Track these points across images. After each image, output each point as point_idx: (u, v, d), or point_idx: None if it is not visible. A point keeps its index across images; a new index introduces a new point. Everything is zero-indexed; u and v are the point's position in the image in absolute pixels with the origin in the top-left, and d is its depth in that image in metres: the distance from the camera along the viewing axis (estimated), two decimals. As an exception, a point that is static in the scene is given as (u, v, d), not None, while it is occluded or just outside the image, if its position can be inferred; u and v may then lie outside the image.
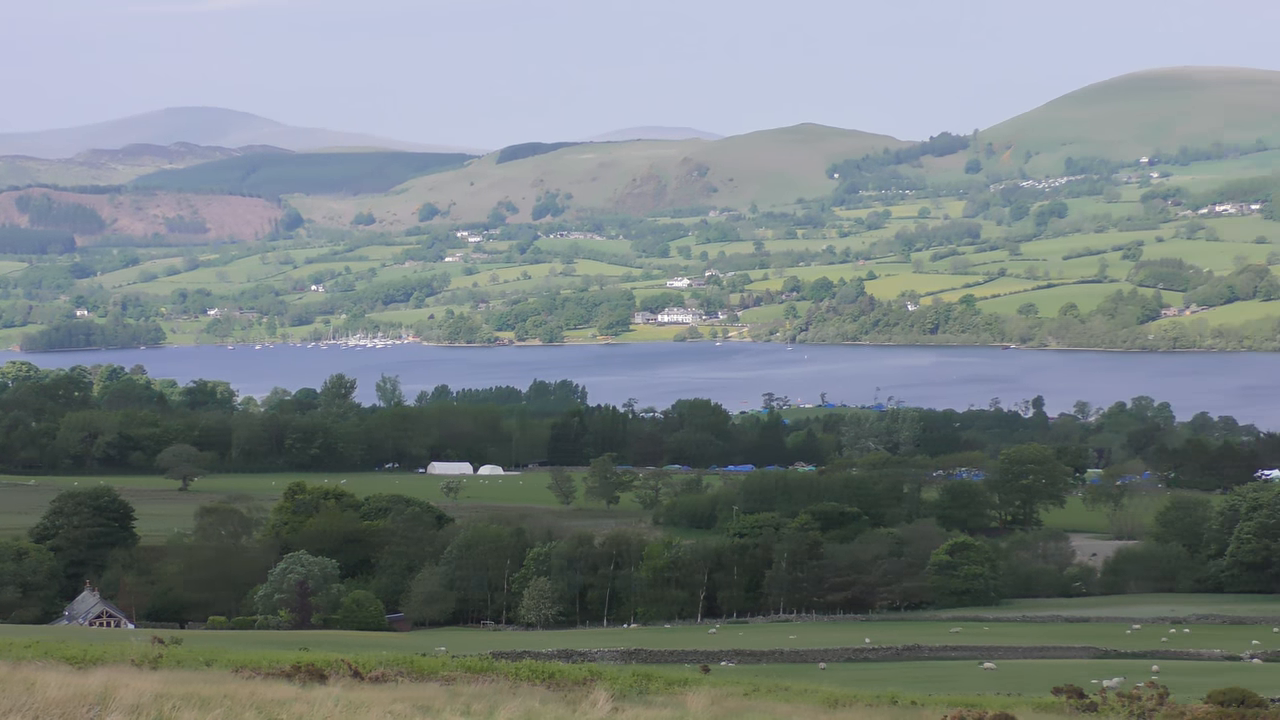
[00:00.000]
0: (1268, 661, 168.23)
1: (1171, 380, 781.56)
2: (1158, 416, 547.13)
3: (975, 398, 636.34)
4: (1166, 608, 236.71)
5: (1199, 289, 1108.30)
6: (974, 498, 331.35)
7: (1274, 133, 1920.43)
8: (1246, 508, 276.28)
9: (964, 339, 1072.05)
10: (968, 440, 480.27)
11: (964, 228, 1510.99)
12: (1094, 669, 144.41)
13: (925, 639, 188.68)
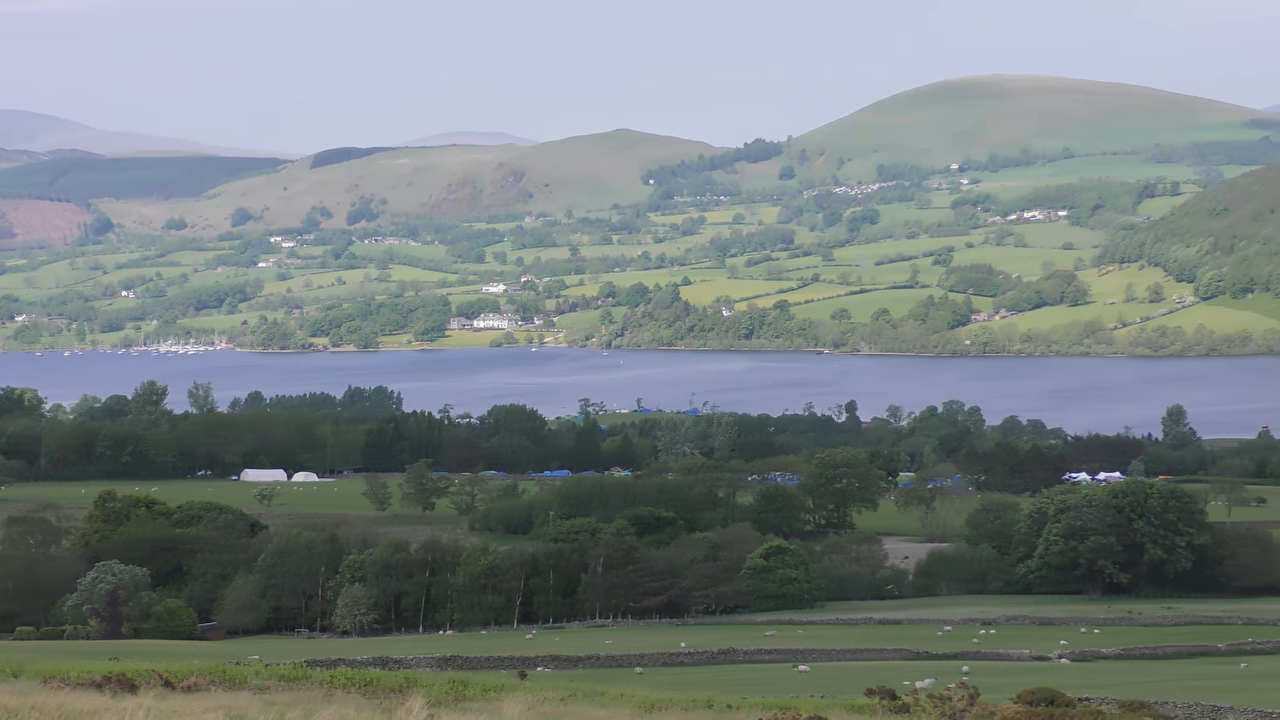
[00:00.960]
0: (1075, 661, 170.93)
1: (981, 384, 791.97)
2: (968, 420, 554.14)
3: (789, 402, 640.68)
4: (977, 609, 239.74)
5: (1008, 294, 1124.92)
6: (788, 502, 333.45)
7: (1081, 141, 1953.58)
8: (1054, 510, 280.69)
9: (778, 344, 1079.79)
10: (782, 444, 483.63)
11: (778, 234, 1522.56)
12: (906, 670, 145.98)
13: (740, 642, 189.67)
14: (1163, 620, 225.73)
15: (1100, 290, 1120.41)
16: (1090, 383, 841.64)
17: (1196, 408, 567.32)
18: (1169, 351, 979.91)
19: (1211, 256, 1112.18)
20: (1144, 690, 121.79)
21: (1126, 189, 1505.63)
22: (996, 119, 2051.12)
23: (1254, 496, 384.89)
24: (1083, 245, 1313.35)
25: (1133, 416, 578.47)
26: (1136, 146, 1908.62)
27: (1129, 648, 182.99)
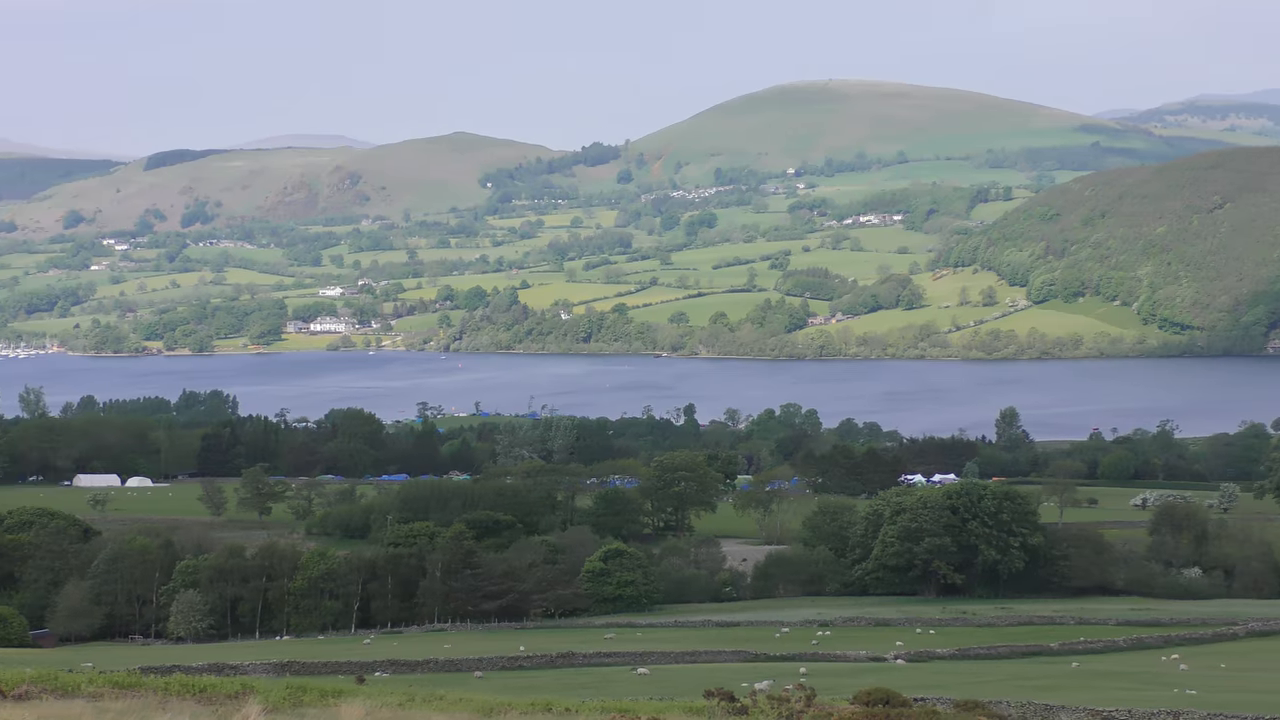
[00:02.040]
0: (911, 662, 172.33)
1: (818, 387, 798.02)
2: (805, 423, 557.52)
3: (628, 405, 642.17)
4: (814, 611, 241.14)
5: (844, 298, 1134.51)
6: (627, 505, 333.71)
7: (915, 145, 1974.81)
8: (890, 512, 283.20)
9: (617, 347, 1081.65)
10: (621, 448, 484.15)
11: (616, 237, 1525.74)
12: (744, 672, 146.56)
13: (579, 646, 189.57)
14: (997, 620, 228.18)
15: (935, 294, 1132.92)
16: (925, 385, 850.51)
17: (1029, 410, 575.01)
18: (1002, 354, 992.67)
19: (1043, 261, 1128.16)
20: (978, 690, 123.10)
21: (960, 194, 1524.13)
22: (832, 124, 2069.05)
23: (1085, 498, 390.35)
24: (918, 249, 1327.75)
25: (967, 419, 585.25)
26: (970, 151, 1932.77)
27: (964, 648, 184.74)
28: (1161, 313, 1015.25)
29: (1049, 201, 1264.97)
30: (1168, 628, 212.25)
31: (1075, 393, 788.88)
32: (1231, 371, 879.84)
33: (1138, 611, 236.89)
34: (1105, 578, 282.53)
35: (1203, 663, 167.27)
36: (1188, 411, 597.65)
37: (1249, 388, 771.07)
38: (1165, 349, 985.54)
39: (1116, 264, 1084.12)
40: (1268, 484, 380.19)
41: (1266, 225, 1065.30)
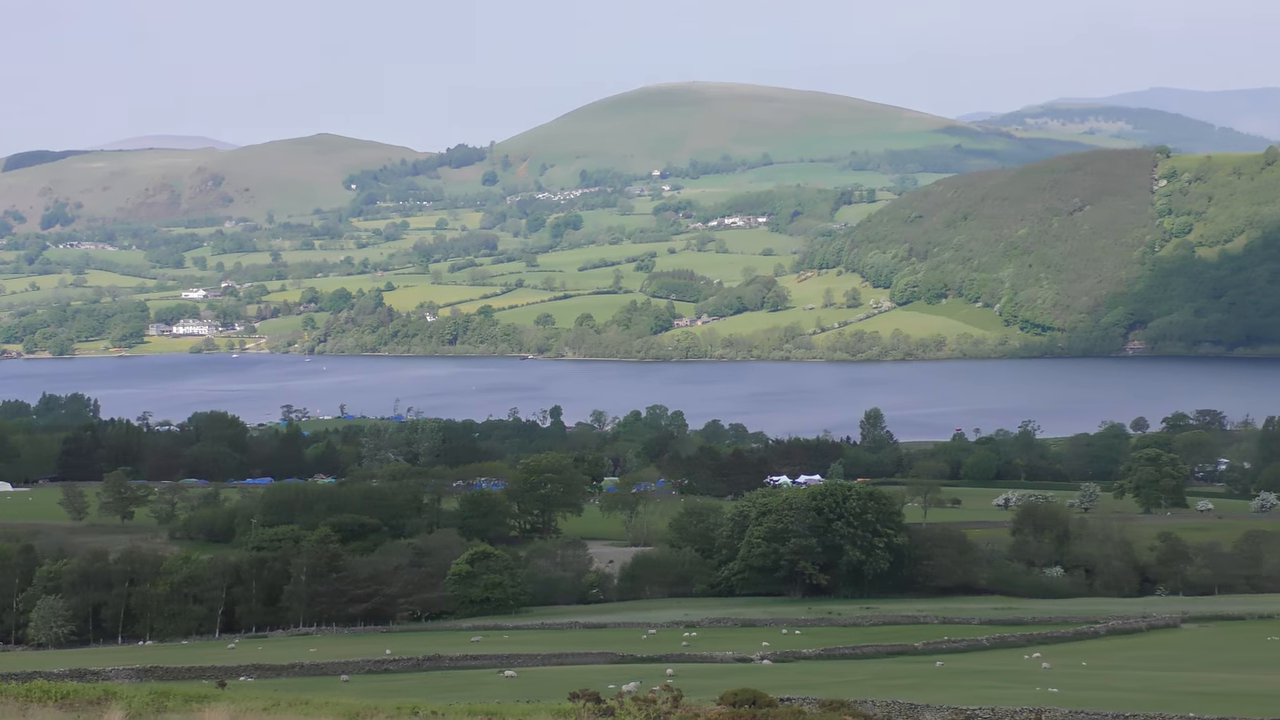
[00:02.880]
0: (777, 662, 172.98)
1: (685, 389, 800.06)
2: (671, 425, 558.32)
3: (494, 408, 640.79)
4: (681, 612, 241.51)
5: (710, 300, 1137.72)
6: (494, 507, 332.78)
7: (779, 147, 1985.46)
8: (756, 513, 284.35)
9: (483, 349, 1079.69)
10: (487, 450, 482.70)
11: (481, 239, 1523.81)
12: (611, 674, 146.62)
13: (446, 649, 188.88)
14: (862, 620, 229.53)
15: (800, 295, 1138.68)
16: (790, 387, 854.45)
17: (893, 411, 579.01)
18: (866, 356, 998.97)
19: (907, 263, 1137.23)
20: (844, 690, 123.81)
21: (825, 196, 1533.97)
22: (697, 126, 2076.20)
23: (949, 498, 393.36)
24: (782, 251, 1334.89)
25: (832, 420, 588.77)
26: (834, 154, 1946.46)
27: (829, 648, 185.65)
28: (1023, 314, 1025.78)
29: (912, 204, 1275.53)
30: (1030, 626, 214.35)
31: (938, 394, 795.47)
32: (1091, 372, 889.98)
33: (1000, 610, 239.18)
34: (968, 577, 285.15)
35: (1064, 661, 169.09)
36: (1049, 412, 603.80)
37: (1108, 388, 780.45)
38: (1027, 350, 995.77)
39: (978, 266, 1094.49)
40: (1127, 483, 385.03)
41: (1125, 227, 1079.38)
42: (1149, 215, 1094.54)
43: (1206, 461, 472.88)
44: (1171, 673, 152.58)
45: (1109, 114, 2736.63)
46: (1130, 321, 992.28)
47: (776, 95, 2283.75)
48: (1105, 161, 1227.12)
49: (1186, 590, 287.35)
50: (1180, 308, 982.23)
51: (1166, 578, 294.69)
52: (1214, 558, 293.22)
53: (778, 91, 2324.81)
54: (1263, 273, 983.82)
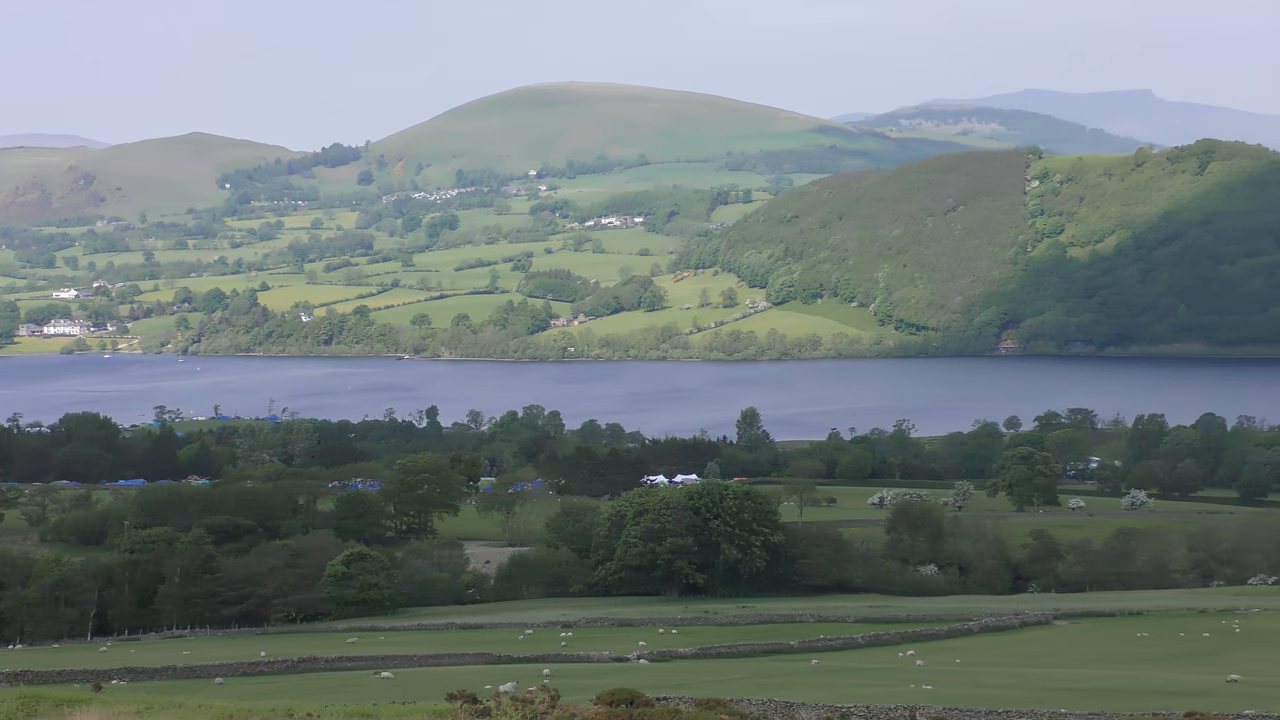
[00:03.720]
0: (654, 661, 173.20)
1: (561, 388, 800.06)
2: (548, 425, 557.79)
3: (370, 408, 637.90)
4: (558, 612, 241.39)
5: (586, 300, 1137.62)
6: (370, 508, 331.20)
7: (655, 148, 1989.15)
8: (633, 513, 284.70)
9: (358, 350, 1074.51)
10: (363, 450, 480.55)
11: (357, 239, 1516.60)
12: (488, 675, 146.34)
13: (322, 650, 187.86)
14: (738, 619, 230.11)
15: (676, 295, 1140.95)
16: (667, 386, 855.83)
17: (769, 410, 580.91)
18: (742, 355, 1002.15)
19: (783, 263, 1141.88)
20: (720, 688, 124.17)
21: (701, 196, 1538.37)
22: (573, 126, 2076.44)
23: (825, 497, 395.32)
24: (659, 251, 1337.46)
25: (708, 419, 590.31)
26: (710, 154, 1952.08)
27: (705, 647, 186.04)
28: (897, 314, 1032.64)
29: (787, 204, 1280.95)
30: (904, 624, 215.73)
31: (814, 393, 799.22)
32: (965, 371, 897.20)
33: (875, 609, 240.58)
34: (844, 576, 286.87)
35: (938, 658, 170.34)
36: (923, 411, 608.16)
37: (982, 387, 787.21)
38: (901, 349, 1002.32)
39: (853, 266, 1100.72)
40: (1000, 482, 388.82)
41: (998, 228, 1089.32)
42: (1021, 216, 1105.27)
43: (1078, 460, 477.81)
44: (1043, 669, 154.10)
45: (982, 115, 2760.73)
46: (1003, 321, 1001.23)
47: (653, 96, 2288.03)
48: (978, 162, 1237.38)
49: (1058, 587, 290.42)
50: (1052, 307, 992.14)
51: (1039, 575, 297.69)
52: (1085, 555, 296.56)
53: (654, 92, 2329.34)
54: (1133, 273, 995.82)
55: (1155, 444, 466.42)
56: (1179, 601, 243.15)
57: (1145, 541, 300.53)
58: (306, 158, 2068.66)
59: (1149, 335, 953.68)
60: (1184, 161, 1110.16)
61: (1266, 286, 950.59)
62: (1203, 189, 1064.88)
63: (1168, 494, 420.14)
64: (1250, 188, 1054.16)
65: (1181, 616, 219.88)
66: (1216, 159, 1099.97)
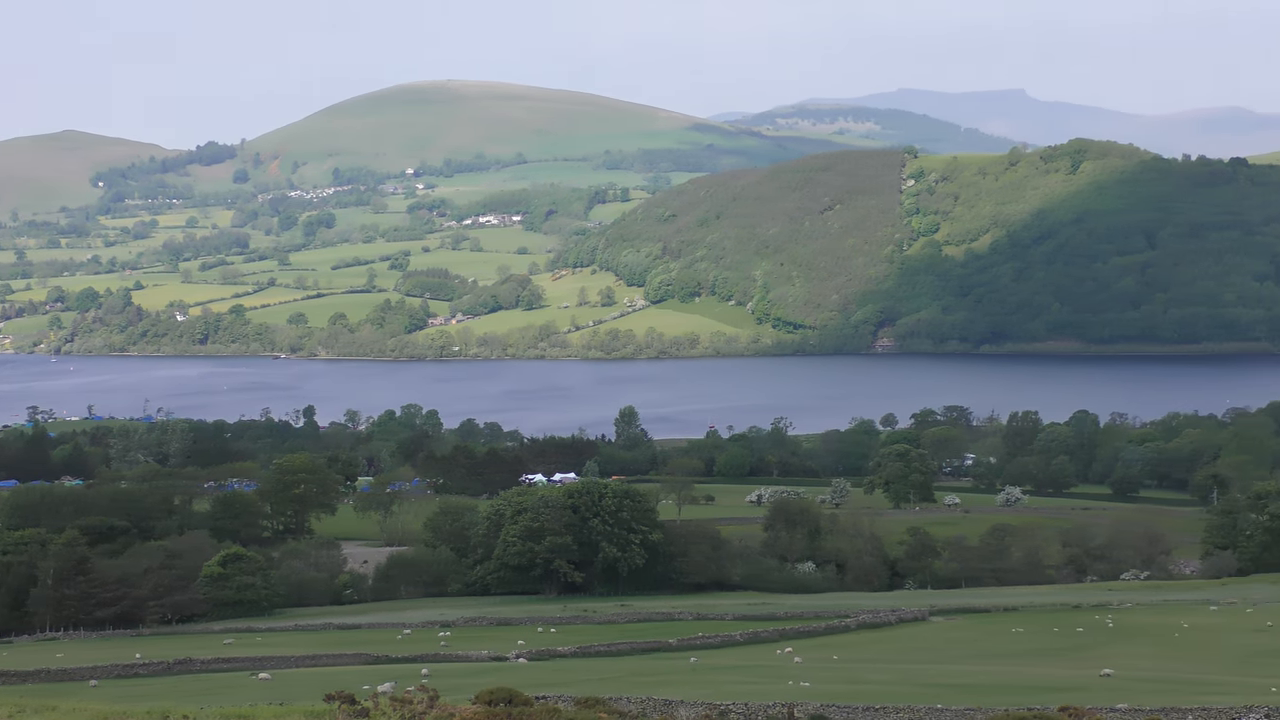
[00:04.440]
0: (533, 660, 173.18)
1: (440, 387, 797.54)
2: (426, 424, 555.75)
3: (246, 408, 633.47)
4: (436, 612, 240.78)
5: (464, 298, 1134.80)
6: (246, 508, 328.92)
7: (532, 146, 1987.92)
8: (512, 512, 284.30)
9: (234, 349, 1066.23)
10: (239, 450, 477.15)
11: (233, 237, 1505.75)
12: (366, 675, 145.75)
13: (197, 652, 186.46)
14: (617, 618, 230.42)
15: (554, 294, 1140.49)
16: (546, 385, 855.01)
17: (648, 409, 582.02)
18: (621, 354, 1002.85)
19: (660, 261, 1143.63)
20: (599, 687, 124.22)
21: (579, 195, 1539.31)
22: (451, 125, 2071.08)
23: (703, 495, 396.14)
24: (537, 250, 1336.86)
25: (587, 418, 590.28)
26: (588, 153, 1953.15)
27: (585, 645, 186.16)
28: (775, 312, 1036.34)
29: (665, 203, 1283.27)
30: (782, 621, 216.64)
31: (692, 391, 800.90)
32: (842, 369, 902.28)
33: (754, 606, 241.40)
34: (722, 573, 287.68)
35: (816, 655, 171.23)
36: (801, 409, 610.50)
37: (859, 385, 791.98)
38: (779, 348, 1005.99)
39: (731, 264, 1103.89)
40: (877, 479, 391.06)
41: (874, 226, 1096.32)
42: (897, 214, 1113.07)
43: (953, 457, 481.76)
44: (920, 665, 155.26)
45: (858, 114, 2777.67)
46: (879, 319, 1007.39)
47: (530, 95, 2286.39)
48: (855, 161, 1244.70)
49: (934, 584, 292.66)
50: (928, 306, 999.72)
51: (915, 572, 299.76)
52: (961, 551, 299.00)
53: (532, 91, 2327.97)
54: (1007, 271, 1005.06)
55: (1029, 441, 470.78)
56: (1053, 597, 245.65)
57: (1020, 538, 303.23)
58: (181, 156, 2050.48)
59: (1023, 333, 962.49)
60: (1057, 161, 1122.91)
61: (1138, 285, 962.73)
62: (1075, 188, 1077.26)
63: (1042, 490, 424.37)
64: (1121, 187, 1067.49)
65: (1056, 612, 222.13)
66: (1089, 158, 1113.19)
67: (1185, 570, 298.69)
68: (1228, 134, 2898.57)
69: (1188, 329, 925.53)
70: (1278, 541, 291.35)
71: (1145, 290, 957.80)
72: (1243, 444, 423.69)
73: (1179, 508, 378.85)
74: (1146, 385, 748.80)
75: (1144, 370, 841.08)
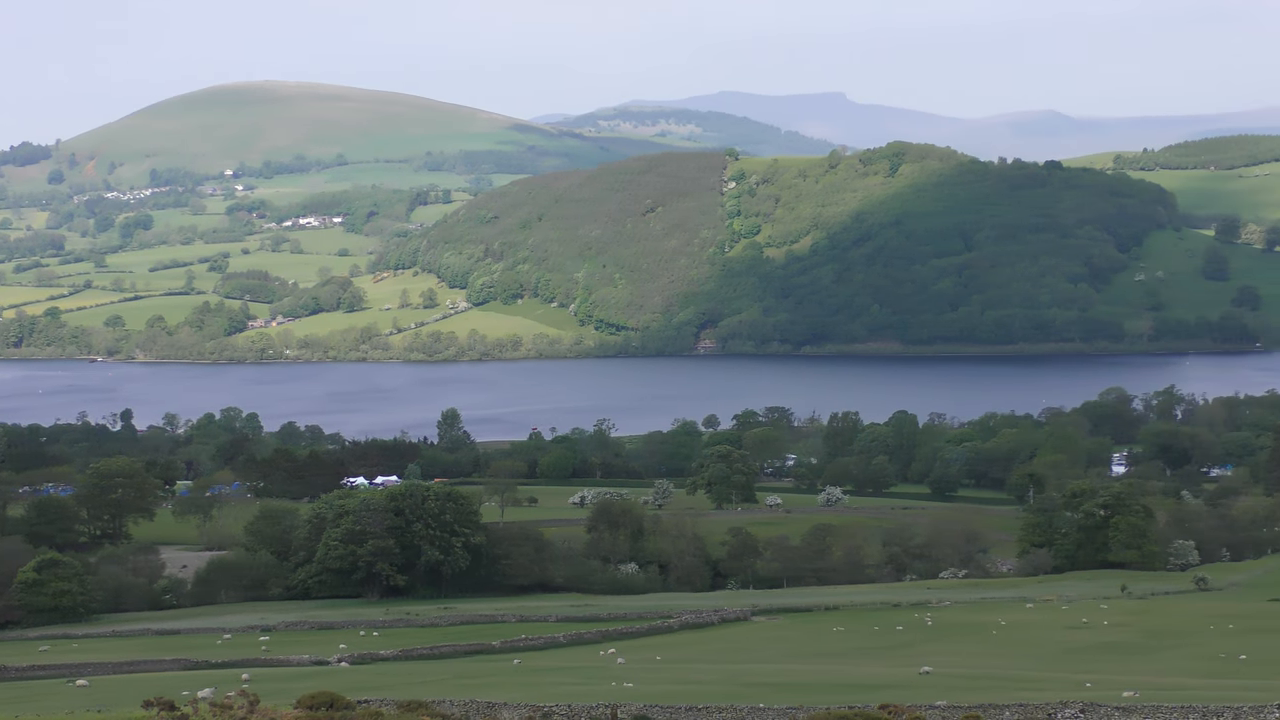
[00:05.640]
0: (355, 664, 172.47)
1: (260, 390, 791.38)
2: (247, 427, 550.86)
3: (62, 411, 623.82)
4: (257, 616, 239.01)
5: (285, 300, 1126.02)
6: (62, 513, 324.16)
7: (355, 148, 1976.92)
8: (333, 515, 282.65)
9: (50, 352, 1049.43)
10: (55, 454, 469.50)
11: (48, 239, 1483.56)
12: (186, 680, 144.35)
13: (12, 659, 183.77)
14: (440, 621, 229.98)
15: (376, 296, 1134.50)
16: (368, 387, 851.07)
17: (471, 411, 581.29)
18: (443, 356, 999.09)
19: (483, 263, 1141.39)
20: (422, 690, 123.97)
21: (400, 196, 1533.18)
22: (270, 125, 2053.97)
23: (526, 496, 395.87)
24: (358, 252, 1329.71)
25: (409, 420, 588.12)
26: (409, 154, 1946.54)
27: (407, 649, 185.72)
28: (597, 314, 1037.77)
29: (487, 204, 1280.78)
30: (606, 623, 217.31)
31: (516, 393, 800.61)
32: (665, 371, 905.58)
33: (577, 608, 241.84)
34: (545, 575, 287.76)
35: (639, 655, 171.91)
36: (624, 410, 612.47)
37: (681, 386, 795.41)
38: (602, 349, 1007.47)
39: (553, 266, 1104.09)
40: (700, 480, 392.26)
41: (696, 228, 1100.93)
42: (719, 216, 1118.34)
43: (775, 457, 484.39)
44: (742, 665, 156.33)
45: (680, 117, 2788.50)
46: (702, 321, 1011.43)
47: (351, 95, 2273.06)
48: (676, 163, 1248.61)
49: (757, 584, 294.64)
50: (749, 307, 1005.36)
51: (737, 572, 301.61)
52: (782, 551, 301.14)
53: (353, 91, 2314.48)
54: (827, 273, 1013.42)
55: (850, 441, 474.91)
56: (873, 596, 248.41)
57: (841, 537, 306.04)
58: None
59: (844, 334, 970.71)
60: (876, 164, 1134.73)
61: (955, 286, 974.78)
62: (894, 190, 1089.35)
63: (862, 490, 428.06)
64: (939, 189, 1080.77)
65: (876, 611, 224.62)
66: (907, 161, 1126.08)
67: (1002, 568, 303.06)
68: (1042, 137, 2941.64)
69: (1004, 330, 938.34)
70: (1092, 539, 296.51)
71: (963, 292, 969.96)
72: (1058, 443, 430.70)
73: (996, 506, 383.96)
74: (964, 386, 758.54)
75: (962, 371, 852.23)
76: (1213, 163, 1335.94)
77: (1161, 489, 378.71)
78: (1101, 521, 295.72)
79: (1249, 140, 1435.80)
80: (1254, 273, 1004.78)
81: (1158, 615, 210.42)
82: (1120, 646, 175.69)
